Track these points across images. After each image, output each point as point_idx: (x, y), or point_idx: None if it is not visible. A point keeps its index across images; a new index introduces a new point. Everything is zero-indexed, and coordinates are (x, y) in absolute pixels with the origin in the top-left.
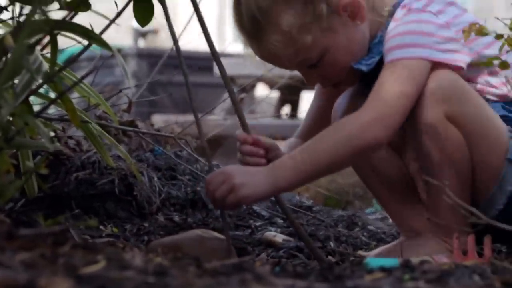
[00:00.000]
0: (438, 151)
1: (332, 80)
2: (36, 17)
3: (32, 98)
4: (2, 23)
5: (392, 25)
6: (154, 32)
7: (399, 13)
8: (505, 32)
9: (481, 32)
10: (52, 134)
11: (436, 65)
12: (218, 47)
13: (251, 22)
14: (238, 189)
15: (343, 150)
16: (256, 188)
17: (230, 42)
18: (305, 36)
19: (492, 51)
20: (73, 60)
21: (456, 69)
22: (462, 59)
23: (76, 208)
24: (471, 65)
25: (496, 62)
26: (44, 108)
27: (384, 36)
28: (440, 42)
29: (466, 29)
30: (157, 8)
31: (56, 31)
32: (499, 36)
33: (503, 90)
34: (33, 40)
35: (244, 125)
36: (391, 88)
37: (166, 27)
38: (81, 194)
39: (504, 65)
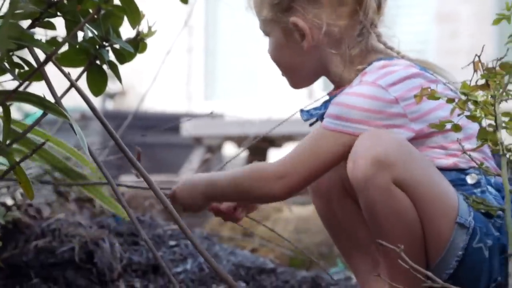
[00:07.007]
0: (387, 217)
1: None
2: None
3: None
4: None
5: (344, 91)
6: (122, 93)
7: (355, 81)
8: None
9: (433, 96)
10: (11, 202)
11: None
12: (186, 107)
13: None
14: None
15: (244, 193)
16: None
17: (197, 102)
18: (264, 9)
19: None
20: (25, 133)
21: None
22: (401, 134)
23: (35, 277)
24: (420, 136)
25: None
26: None
27: None
28: (379, 118)
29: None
30: (126, 68)
31: (9, 102)
32: (450, 100)
33: (451, 161)
34: None
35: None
36: (301, 151)
37: (134, 88)
38: (41, 263)
39: (457, 128)
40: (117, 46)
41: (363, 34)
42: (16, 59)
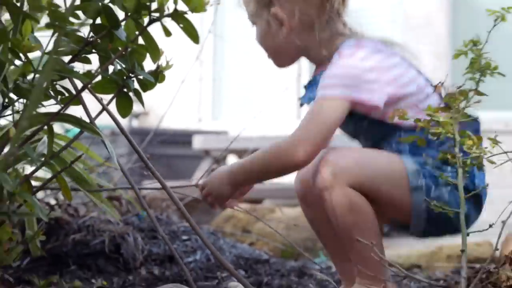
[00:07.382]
0: (346, 217)
1: (260, 46)
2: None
3: None
4: (4, 117)
5: (328, 68)
6: (145, 113)
7: (334, 57)
8: None
9: (403, 117)
10: (54, 202)
11: (354, 104)
12: (197, 126)
13: None
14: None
15: (267, 168)
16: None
17: (206, 121)
18: (250, 4)
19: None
20: (63, 148)
21: (372, 108)
22: (378, 98)
23: (72, 264)
24: (394, 100)
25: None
26: (41, 187)
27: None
28: (362, 82)
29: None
30: (148, 93)
31: (52, 122)
32: (417, 120)
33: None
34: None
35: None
36: (307, 122)
37: (154, 110)
38: (77, 253)
39: (421, 142)
40: (141, 77)
41: (330, 21)
42: (58, 88)
